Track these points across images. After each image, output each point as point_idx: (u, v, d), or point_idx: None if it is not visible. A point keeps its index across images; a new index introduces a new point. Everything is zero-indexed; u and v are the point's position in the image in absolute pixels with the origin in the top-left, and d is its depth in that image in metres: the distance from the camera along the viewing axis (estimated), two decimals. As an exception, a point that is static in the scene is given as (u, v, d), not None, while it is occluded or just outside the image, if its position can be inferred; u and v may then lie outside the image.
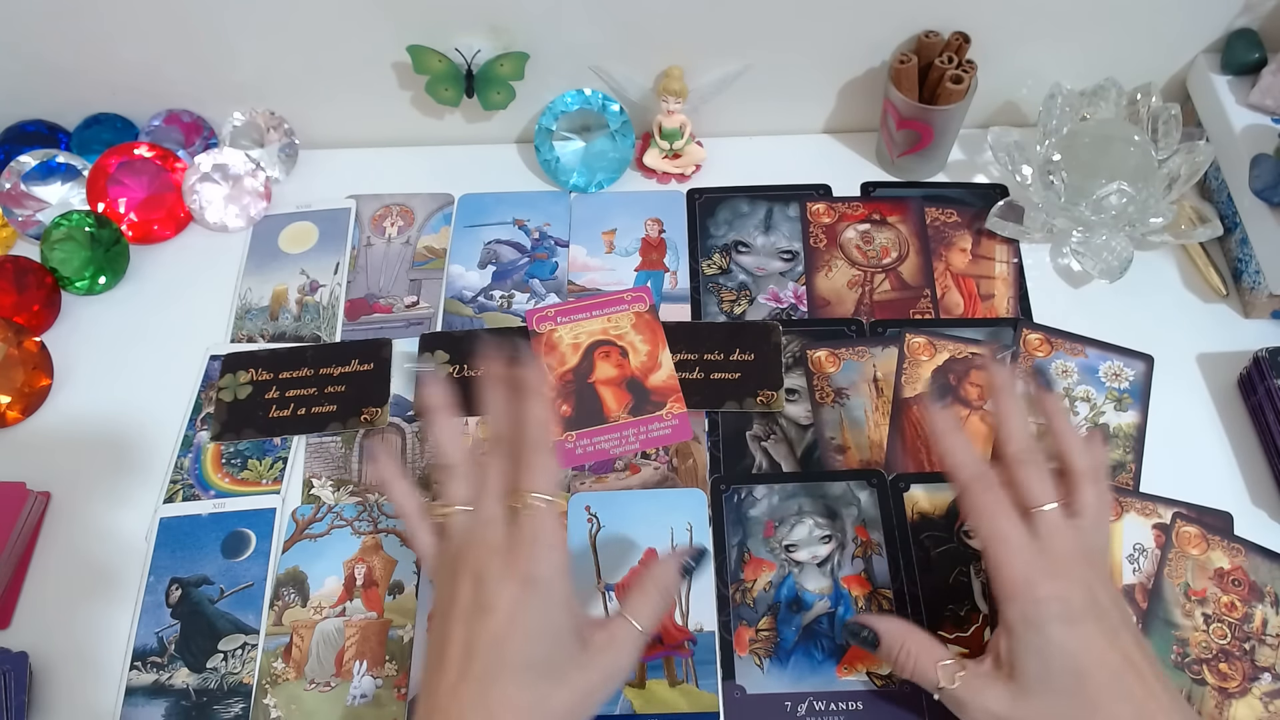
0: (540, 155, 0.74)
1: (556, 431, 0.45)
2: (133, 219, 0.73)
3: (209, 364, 0.67)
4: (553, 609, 0.42)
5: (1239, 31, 0.69)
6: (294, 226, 0.74)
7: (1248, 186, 0.64)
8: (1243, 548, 0.56)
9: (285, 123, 0.76)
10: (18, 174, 0.72)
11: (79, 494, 0.62)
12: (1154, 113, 0.68)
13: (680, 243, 0.72)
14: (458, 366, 0.66)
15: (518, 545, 0.43)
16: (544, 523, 0.43)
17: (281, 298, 0.70)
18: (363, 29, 0.69)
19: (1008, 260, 0.70)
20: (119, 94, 0.75)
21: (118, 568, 0.59)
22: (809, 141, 0.78)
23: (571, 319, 0.67)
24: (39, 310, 0.68)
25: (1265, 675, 0.53)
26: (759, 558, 0.58)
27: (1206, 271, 0.68)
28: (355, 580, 0.58)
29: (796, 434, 0.62)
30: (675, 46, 0.71)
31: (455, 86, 0.71)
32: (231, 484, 0.62)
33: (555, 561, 0.42)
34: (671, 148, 0.73)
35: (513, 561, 0.42)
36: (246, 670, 0.55)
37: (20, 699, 0.53)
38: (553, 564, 0.42)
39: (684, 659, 0.55)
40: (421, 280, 0.71)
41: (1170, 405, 0.63)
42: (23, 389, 0.65)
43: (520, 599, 0.41)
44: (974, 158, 0.76)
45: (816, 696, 0.53)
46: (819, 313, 0.68)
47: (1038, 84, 0.72)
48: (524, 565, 0.42)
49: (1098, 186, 0.65)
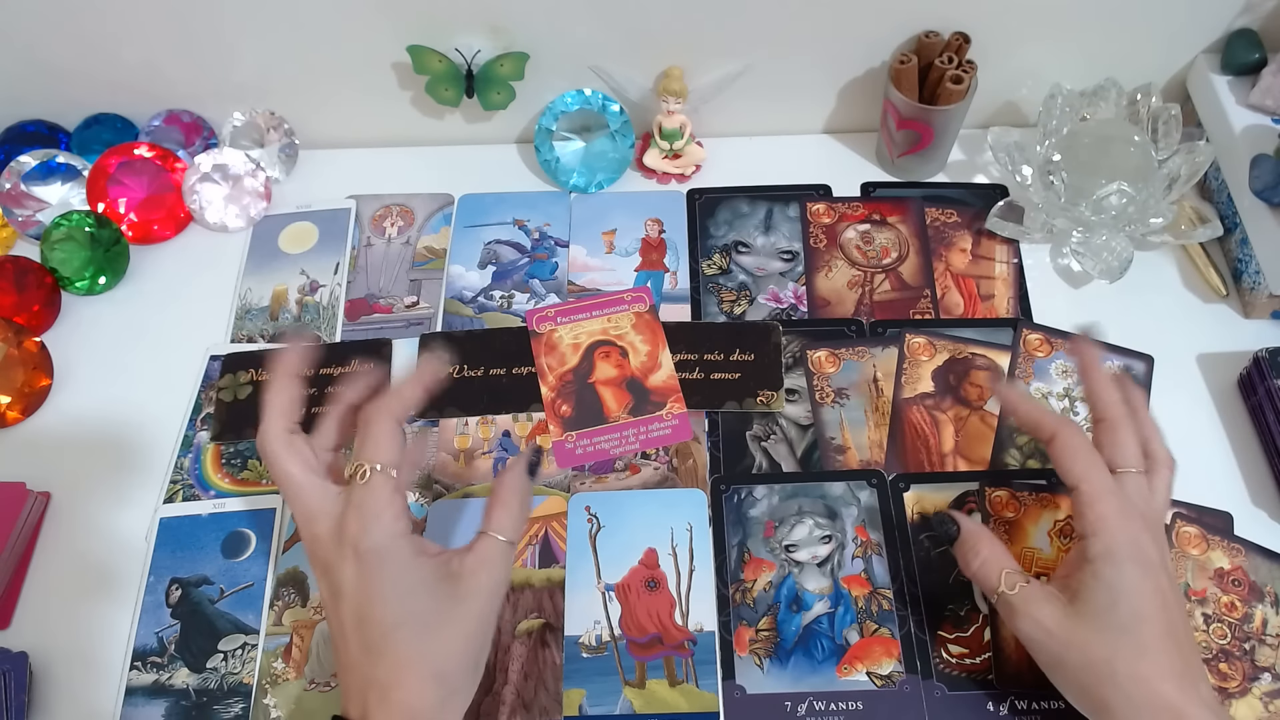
0: (540, 155, 0.74)
1: (402, 407, 0.47)
2: (133, 219, 0.73)
3: (209, 364, 0.67)
4: (400, 569, 0.43)
5: (1239, 31, 0.69)
6: (294, 227, 0.74)
7: (1248, 186, 0.64)
8: (1243, 548, 0.56)
9: (285, 123, 0.76)
10: (18, 174, 0.72)
11: (79, 494, 0.62)
12: (1154, 113, 0.68)
13: (680, 243, 0.72)
14: (458, 366, 0.66)
15: (345, 523, 0.44)
16: (369, 492, 0.44)
17: (281, 298, 0.70)
18: (363, 29, 0.69)
19: (1008, 260, 0.70)
20: (119, 94, 0.75)
21: (118, 568, 0.59)
22: (809, 141, 0.78)
23: (571, 319, 0.67)
24: (39, 310, 0.68)
25: (1265, 675, 0.53)
26: (759, 558, 0.58)
27: (1206, 272, 0.68)
28: (355, 580, 0.58)
29: (796, 434, 0.62)
30: (675, 46, 0.71)
31: (455, 86, 0.71)
32: (231, 484, 0.62)
33: (385, 527, 0.43)
34: (671, 148, 0.73)
35: (343, 541, 0.44)
36: (246, 670, 0.55)
37: (20, 699, 0.53)
38: (383, 529, 0.43)
39: (684, 659, 0.55)
40: (421, 280, 0.71)
41: (1170, 405, 0.62)
42: (23, 389, 0.65)
43: (361, 573, 0.43)
44: (974, 158, 0.76)
45: (816, 696, 0.53)
46: (819, 313, 0.68)
47: (1038, 84, 0.72)
48: (354, 541, 0.43)
49: (1098, 187, 0.65)
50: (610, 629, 0.56)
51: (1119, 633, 0.44)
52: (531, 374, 0.65)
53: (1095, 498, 0.46)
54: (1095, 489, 0.46)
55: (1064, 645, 0.45)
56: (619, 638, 0.55)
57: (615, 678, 0.54)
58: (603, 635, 0.55)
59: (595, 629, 0.56)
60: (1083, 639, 0.44)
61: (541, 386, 0.64)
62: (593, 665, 0.55)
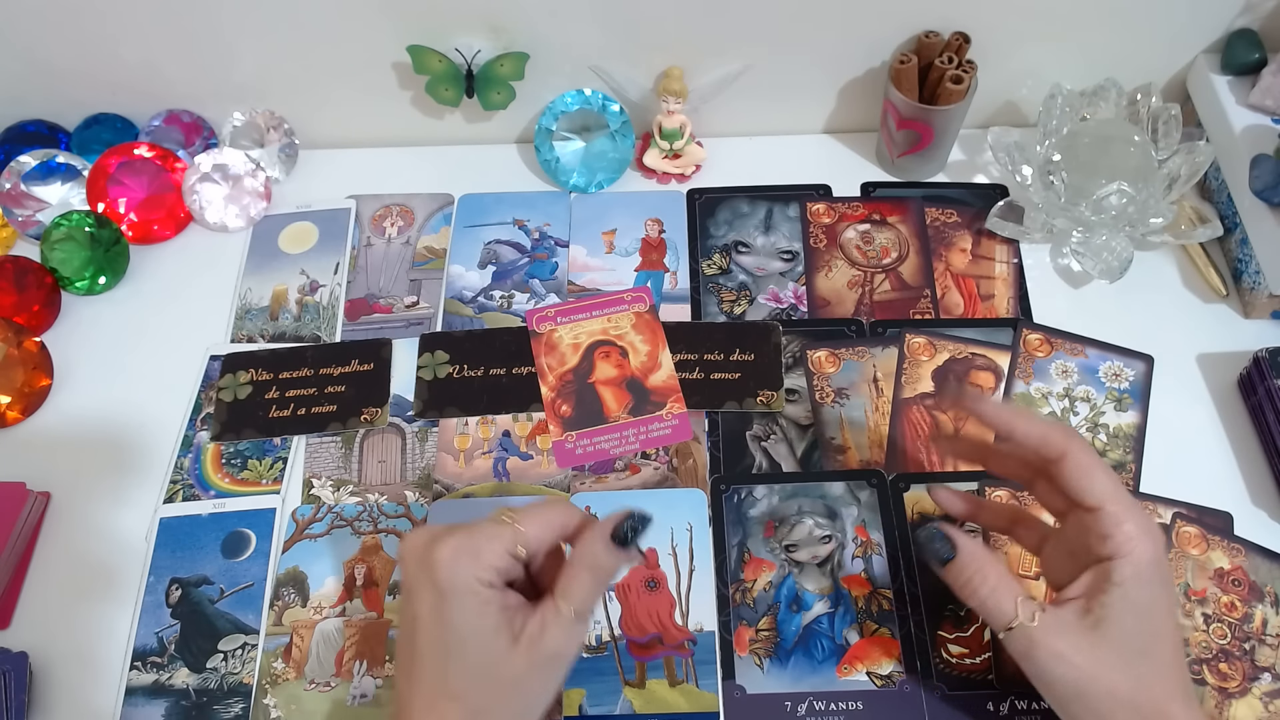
0: (540, 155, 0.74)
1: (591, 546, 0.44)
2: (133, 219, 0.73)
3: (209, 364, 0.67)
4: (469, 614, 0.42)
5: (1239, 31, 0.69)
6: (294, 226, 0.74)
7: (1248, 186, 0.64)
8: (1243, 548, 0.56)
9: (285, 123, 0.76)
10: (18, 174, 0.72)
11: (79, 494, 0.62)
12: (1154, 113, 0.68)
13: (680, 243, 0.72)
14: (458, 366, 0.66)
15: (440, 547, 0.42)
16: (470, 534, 0.43)
17: (281, 298, 0.70)
18: (363, 29, 0.69)
19: (1008, 260, 0.70)
20: (119, 94, 0.75)
21: (118, 568, 0.59)
22: (809, 141, 0.78)
23: (571, 319, 0.67)
24: (39, 310, 0.68)
25: (1265, 675, 0.53)
26: (759, 558, 0.58)
27: (1206, 271, 0.68)
28: (355, 580, 0.58)
29: (796, 434, 0.62)
30: (675, 46, 0.71)
31: (455, 86, 0.71)
32: (231, 484, 0.62)
33: (467, 568, 0.42)
34: (671, 148, 0.73)
35: (430, 566, 0.42)
36: (246, 670, 0.55)
37: (20, 699, 0.53)
38: (465, 570, 0.42)
39: (684, 659, 0.55)
40: (421, 280, 0.71)
41: (1170, 405, 0.63)
42: (23, 389, 0.65)
43: (434, 605, 0.42)
44: (974, 158, 0.76)
45: (816, 696, 0.53)
46: (819, 313, 0.68)
47: (1038, 84, 0.72)
48: (433, 569, 0.42)
49: (1098, 186, 0.65)
50: (610, 629, 0.56)
51: (1140, 657, 0.42)
52: (531, 374, 0.65)
53: (1123, 518, 0.43)
54: (1123, 509, 0.43)
55: (1090, 677, 0.42)
56: (619, 638, 0.55)
57: (615, 678, 0.54)
58: (603, 635, 0.55)
59: (595, 629, 0.56)
60: (1108, 668, 0.42)
61: (541, 386, 0.64)
62: (593, 665, 0.55)
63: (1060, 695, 0.43)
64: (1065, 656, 0.42)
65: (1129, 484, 0.59)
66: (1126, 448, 0.61)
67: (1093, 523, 0.43)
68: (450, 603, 0.41)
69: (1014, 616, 0.43)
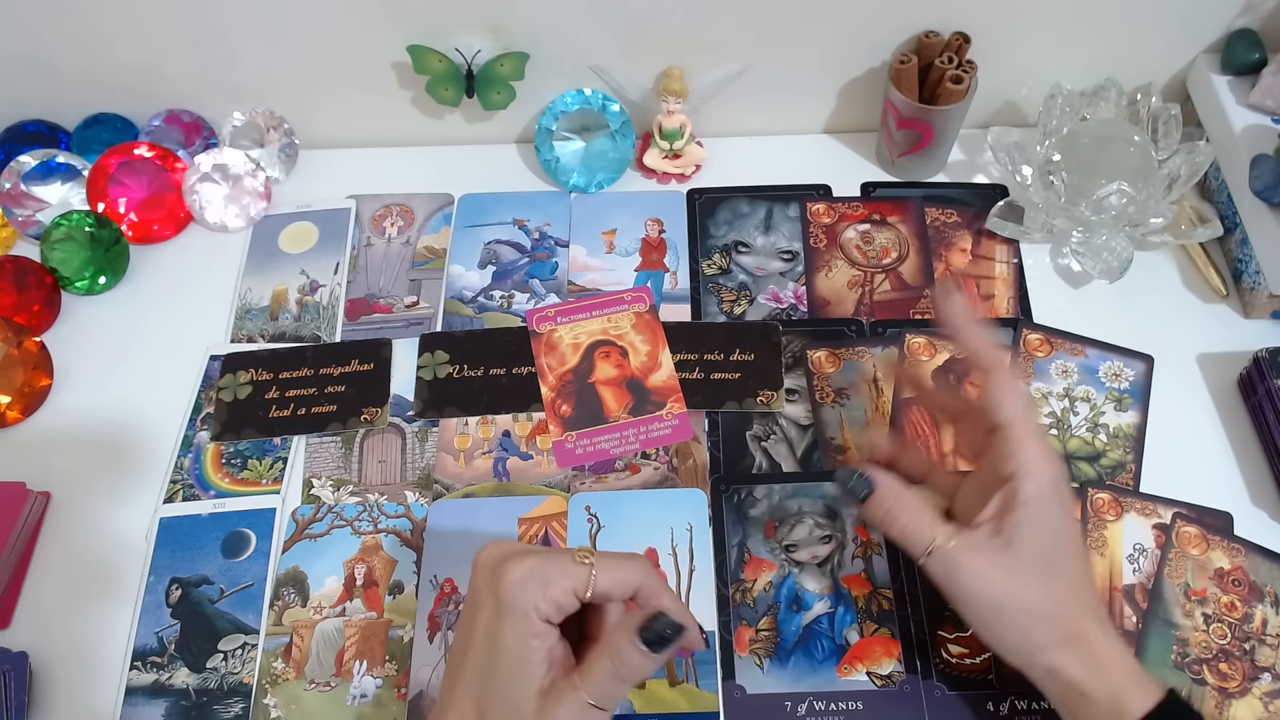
0: (540, 155, 0.74)
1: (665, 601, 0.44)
2: (133, 219, 0.73)
3: (209, 364, 0.67)
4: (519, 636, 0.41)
5: (1239, 31, 0.69)
6: (294, 226, 0.74)
7: (1248, 186, 0.64)
8: (1243, 548, 0.56)
9: (285, 123, 0.76)
10: (18, 174, 0.72)
11: (79, 494, 0.62)
12: (1154, 113, 0.68)
13: (680, 243, 0.72)
14: (458, 366, 0.66)
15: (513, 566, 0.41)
16: (545, 562, 0.42)
17: (281, 298, 0.70)
18: (363, 29, 0.69)
19: (1008, 260, 0.70)
20: (119, 94, 0.75)
21: (118, 568, 0.59)
22: (809, 141, 0.78)
23: (571, 319, 0.67)
24: (39, 310, 0.68)
25: (1265, 675, 0.53)
26: (759, 558, 0.58)
27: (1206, 271, 0.68)
28: (355, 580, 0.58)
29: (796, 434, 0.62)
30: (675, 46, 0.71)
31: (455, 86, 0.71)
32: (231, 484, 0.62)
33: (533, 594, 0.41)
34: (671, 148, 0.73)
35: (495, 583, 0.41)
36: (246, 670, 0.55)
37: (20, 699, 0.53)
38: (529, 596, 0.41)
39: (684, 659, 0.55)
40: (421, 280, 0.71)
41: (1170, 405, 0.63)
42: (23, 389, 0.65)
43: (493, 620, 0.41)
44: (974, 158, 0.76)
45: (816, 696, 0.53)
46: (819, 313, 0.68)
47: (1038, 84, 0.72)
48: (497, 583, 0.41)
49: (1098, 186, 0.65)
50: (610, 629, 0.56)
51: (1051, 574, 0.45)
52: (531, 374, 0.65)
53: (1027, 438, 0.45)
54: (1029, 430, 0.46)
55: (1007, 593, 0.44)
56: (619, 638, 0.55)
57: (615, 678, 0.54)
58: (603, 635, 0.55)
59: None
60: (1023, 583, 0.44)
61: (541, 386, 0.64)
62: (593, 665, 0.54)
63: (981, 615, 0.45)
64: (983, 573, 0.45)
65: (1129, 484, 0.59)
66: (1126, 448, 0.61)
67: (1000, 441, 0.46)
68: (506, 620, 0.41)
69: (933, 539, 0.46)
